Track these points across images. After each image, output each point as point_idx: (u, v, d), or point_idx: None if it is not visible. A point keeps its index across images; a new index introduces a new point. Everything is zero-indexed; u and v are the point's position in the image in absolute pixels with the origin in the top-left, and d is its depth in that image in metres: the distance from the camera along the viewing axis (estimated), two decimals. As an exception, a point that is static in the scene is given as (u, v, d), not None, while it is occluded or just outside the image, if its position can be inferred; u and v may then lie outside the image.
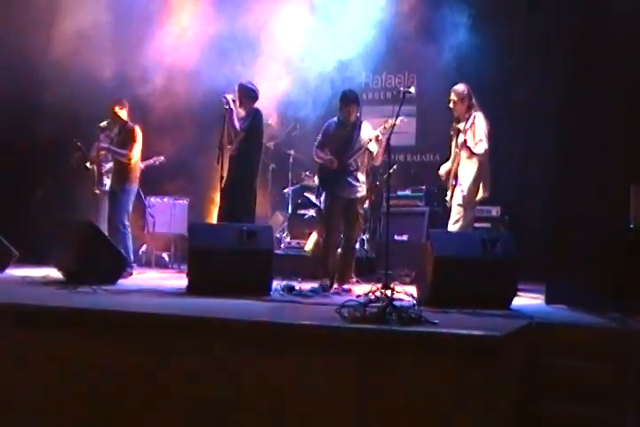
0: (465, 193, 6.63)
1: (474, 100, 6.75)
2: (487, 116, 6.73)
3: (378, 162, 6.99)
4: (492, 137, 6.79)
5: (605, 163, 7.76)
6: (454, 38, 8.04)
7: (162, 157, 8.65)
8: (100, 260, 6.60)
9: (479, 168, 6.63)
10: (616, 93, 7.70)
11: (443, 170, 6.95)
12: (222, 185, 7.03)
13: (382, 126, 6.73)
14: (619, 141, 7.47)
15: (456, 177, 6.75)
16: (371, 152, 6.85)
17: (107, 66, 8.42)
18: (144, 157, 8.33)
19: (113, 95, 8.21)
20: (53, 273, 7.05)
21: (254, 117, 7.17)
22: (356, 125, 6.93)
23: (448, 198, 6.84)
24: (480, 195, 6.67)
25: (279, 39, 8.23)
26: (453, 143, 6.84)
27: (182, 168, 9.03)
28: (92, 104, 8.43)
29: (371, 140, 6.79)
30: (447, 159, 6.99)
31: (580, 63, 8.09)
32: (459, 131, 6.72)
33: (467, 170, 6.67)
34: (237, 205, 7.07)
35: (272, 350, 4.24)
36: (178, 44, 8.59)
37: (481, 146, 6.57)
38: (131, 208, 7.83)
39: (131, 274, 7.48)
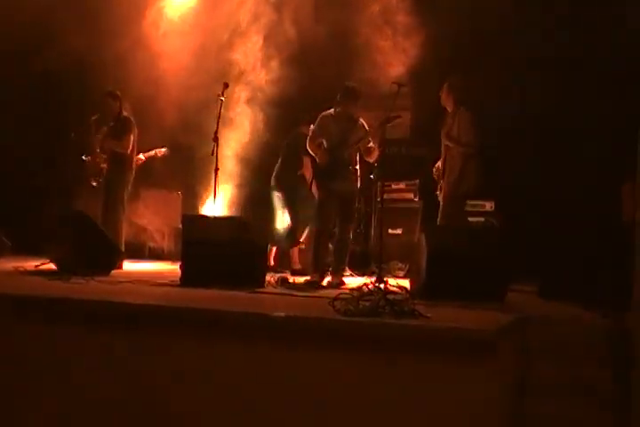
0: (450, 186, 6.65)
1: (461, 95, 6.75)
2: (478, 111, 6.73)
3: (372, 158, 6.87)
4: (482, 132, 6.81)
5: (599, 160, 7.80)
6: (450, 30, 8.00)
7: (164, 149, 8.52)
8: (94, 250, 6.59)
9: (463, 160, 6.64)
10: (610, 92, 7.72)
11: (438, 163, 6.98)
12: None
13: (377, 124, 6.75)
14: (613, 139, 7.50)
15: (444, 171, 6.77)
16: (368, 147, 6.82)
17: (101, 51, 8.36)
18: (144, 149, 8.31)
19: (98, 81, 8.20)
20: (47, 263, 7.02)
21: None
22: (353, 120, 6.88)
23: (438, 192, 6.86)
24: (466, 188, 6.67)
25: (274, 28, 8.16)
26: (442, 137, 6.86)
27: (176, 160, 8.98)
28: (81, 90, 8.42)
29: (367, 135, 6.76)
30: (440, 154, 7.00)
31: (575, 59, 8.12)
32: (445, 123, 6.75)
33: (451, 162, 6.70)
34: None
35: (264, 343, 4.24)
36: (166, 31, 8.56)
37: (465, 137, 6.59)
38: (126, 199, 7.81)
39: (121, 265, 7.45)
